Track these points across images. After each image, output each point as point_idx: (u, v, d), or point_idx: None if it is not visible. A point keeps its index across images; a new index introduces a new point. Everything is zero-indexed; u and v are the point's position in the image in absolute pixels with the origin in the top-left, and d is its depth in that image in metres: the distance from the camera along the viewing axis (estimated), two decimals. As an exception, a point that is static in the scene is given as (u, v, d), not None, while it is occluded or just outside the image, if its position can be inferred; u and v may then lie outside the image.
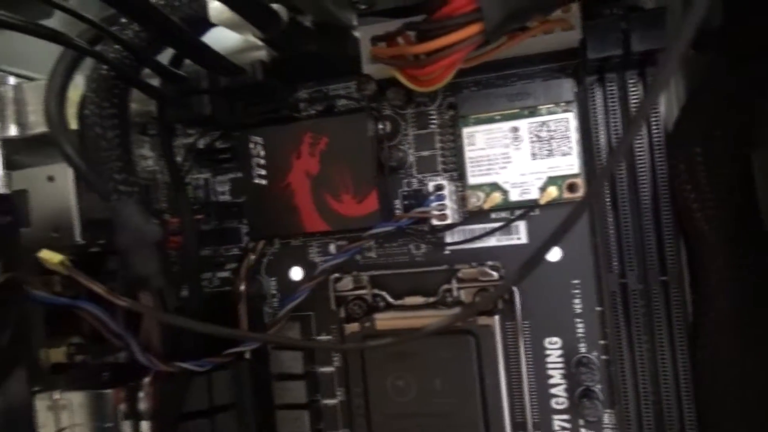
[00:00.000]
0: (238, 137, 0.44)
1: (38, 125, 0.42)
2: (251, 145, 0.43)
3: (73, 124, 0.39)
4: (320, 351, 0.44)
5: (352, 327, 0.42)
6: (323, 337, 0.44)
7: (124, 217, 0.36)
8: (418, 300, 0.41)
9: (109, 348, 0.46)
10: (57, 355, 0.43)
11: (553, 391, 0.40)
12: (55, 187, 0.41)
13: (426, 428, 0.40)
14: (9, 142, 0.42)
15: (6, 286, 0.34)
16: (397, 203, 0.43)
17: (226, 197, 0.47)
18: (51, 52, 0.44)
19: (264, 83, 0.41)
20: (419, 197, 0.42)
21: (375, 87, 0.41)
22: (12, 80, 0.43)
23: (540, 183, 0.38)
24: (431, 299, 0.41)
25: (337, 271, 0.43)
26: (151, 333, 0.38)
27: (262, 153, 0.43)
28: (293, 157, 0.42)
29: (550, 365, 0.40)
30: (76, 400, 0.42)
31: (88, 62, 0.39)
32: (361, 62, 0.38)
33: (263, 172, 0.43)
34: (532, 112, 0.38)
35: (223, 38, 0.41)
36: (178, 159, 0.45)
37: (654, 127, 0.38)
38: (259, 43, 0.38)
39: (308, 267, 0.45)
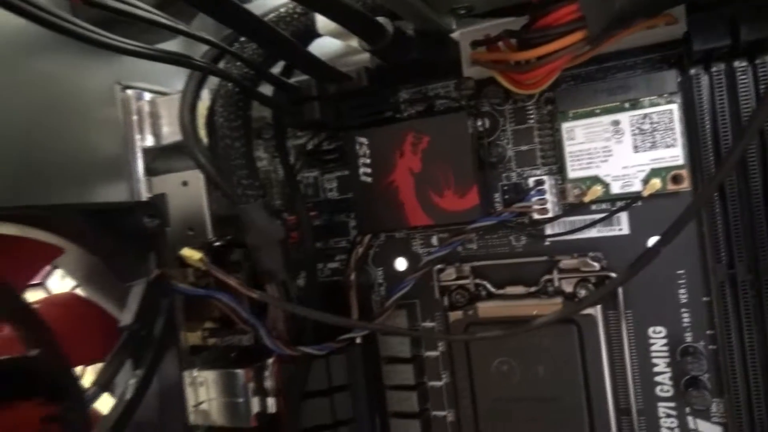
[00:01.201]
0: (344, 138, 0.47)
1: (171, 136, 0.48)
2: (357, 146, 0.46)
3: (202, 135, 0.44)
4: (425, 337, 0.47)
5: (456, 315, 0.45)
6: (428, 324, 0.47)
7: (252, 219, 0.40)
8: (520, 289, 0.43)
9: (235, 332, 0.52)
10: (193, 338, 0.49)
11: (658, 378, 0.40)
12: (189, 190, 0.46)
13: (530, 412, 0.42)
14: (147, 152, 0.48)
15: (158, 280, 0.39)
16: (497, 197, 0.44)
17: (334, 194, 0.50)
18: (177, 69, 0.50)
19: (368, 87, 0.44)
20: (519, 190, 0.43)
21: (473, 86, 0.42)
22: (147, 96, 0.48)
23: (643, 175, 0.39)
24: (532, 289, 0.43)
25: (440, 262, 0.45)
26: (277, 320, 0.43)
27: (368, 152, 0.46)
28: (396, 156, 0.45)
29: (654, 354, 0.40)
30: (211, 377, 0.47)
31: (213, 78, 0.43)
32: (461, 65, 0.40)
33: (368, 170, 0.46)
34: (634, 105, 0.39)
35: (328, 44, 0.44)
36: (290, 160, 0.49)
37: (765, 114, 0.37)
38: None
39: (412, 258, 0.47)
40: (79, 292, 0.40)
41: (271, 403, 0.46)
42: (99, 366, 0.37)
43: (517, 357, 0.42)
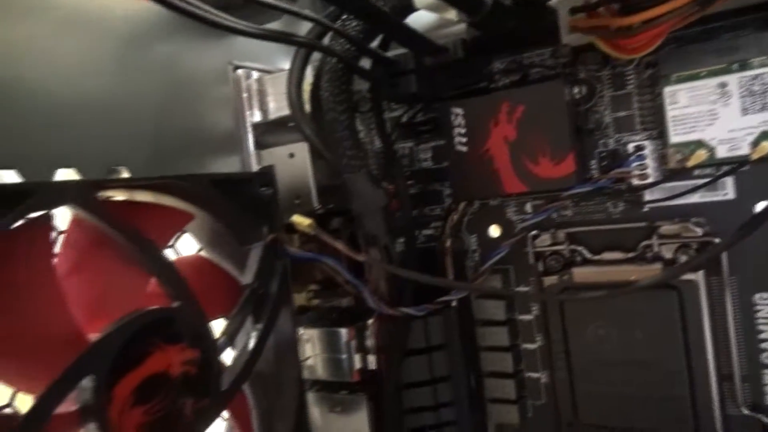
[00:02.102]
0: (439, 109, 0.48)
1: (277, 111, 0.51)
2: (452, 116, 0.47)
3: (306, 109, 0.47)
4: (520, 300, 0.48)
5: (550, 280, 0.46)
6: (522, 289, 0.48)
7: (357, 187, 0.42)
8: (617, 255, 0.43)
9: (336, 294, 0.55)
10: (299, 299, 0.53)
11: (764, 345, 0.40)
12: (295, 162, 0.49)
13: (627, 375, 0.43)
14: (256, 126, 0.52)
15: (272, 244, 0.43)
16: (593, 164, 0.45)
17: (429, 164, 0.52)
18: (279, 49, 0.53)
19: (463, 59, 0.45)
20: (616, 157, 0.43)
21: (570, 53, 0.43)
22: (255, 75, 0.52)
23: (751, 138, 0.38)
24: (630, 255, 0.43)
25: (535, 228, 0.46)
26: (379, 282, 0.46)
27: (462, 122, 0.47)
28: (491, 125, 0.46)
29: (761, 320, 0.40)
30: (316, 335, 0.51)
31: (314, 55, 0.46)
32: (559, 32, 0.40)
33: (463, 140, 0.47)
34: (743, 66, 0.38)
35: (423, 17, 0.45)
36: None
37: None
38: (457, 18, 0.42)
39: (505, 225, 0.49)
40: (203, 254, 0.44)
41: (372, 359, 0.49)
42: (224, 320, 0.41)
43: (613, 321, 0.43)
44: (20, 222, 0.30)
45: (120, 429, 0.31)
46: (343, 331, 0.50)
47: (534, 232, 0.46)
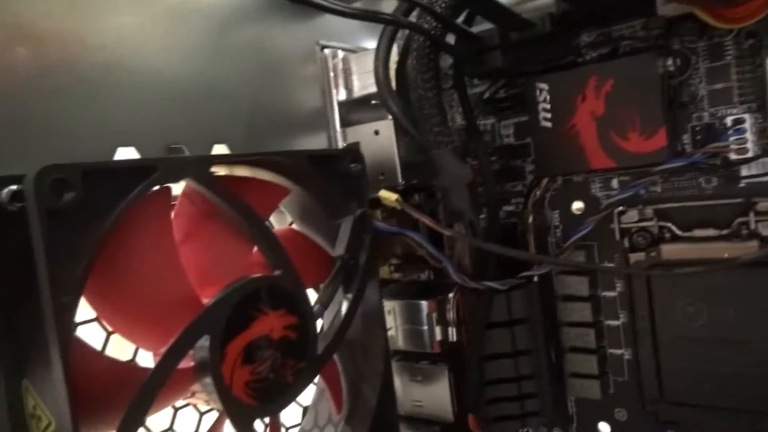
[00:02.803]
0: (523, 85, 0.48)
1: (361, 89, 0.53)
2: (537, 92, 0.47)
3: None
4: (604, 276, 0.48)
5: (637, 256, 0.45)
6: (606, 265, 0.48)
7: (443, 163, 0.43)
8: (709, 232, 0.42)
9: (416, 269, 0.57)
10: (382, 272, 0.55)
11: None
12: (380, 139, 0.51)
13: (717, 353, 0.42)
14: (341, 105, 0.53)
15: (361, 218, 0.44)
16: (686, 138, 0.44)
17: (511, 140, 0.52)
18: (362, 28, 0.54)
19: (550, 33, 0.45)
20: (711, 131, 0.42)
21: (664, 24, 0.41)
22: (340, 54, 0.53)
23: None
24: (724, 232, 0.42)
25: (621, 204, 0.46)
26: (463, 256, 0.47)
27: (548, 98, 0.47)
28: (578, 100, 0.45)
29: None
30: (397, 307, 0.53)
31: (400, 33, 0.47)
32: (653, 4, 0.40)
33: (548, 115, 0.47)
34: None
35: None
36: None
37: None
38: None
39: (590, 201, 0.48)
40: (294, 227, 0.47)
41: (453, 332, 0.51)
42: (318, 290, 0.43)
43: (705, 298, 0.42)
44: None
45: (230, 384, 0.34)
46: (424, 304, 0.51)
47: (620, 208, 0.46)
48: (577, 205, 0.49)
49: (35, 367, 0.29)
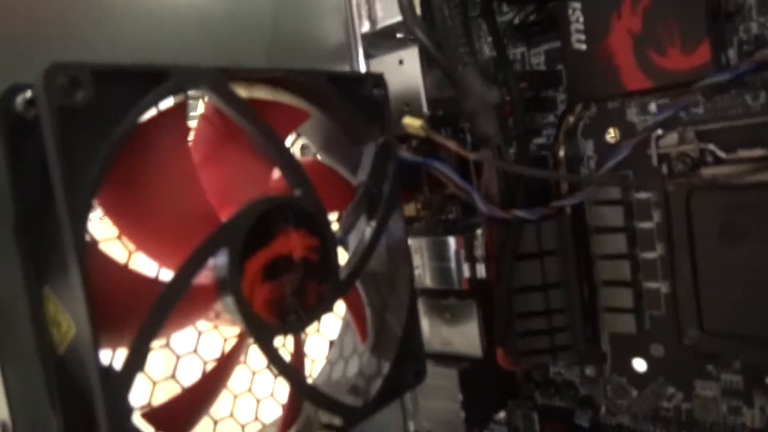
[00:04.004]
0: (555, 7, 0.46)
1: (385, 19, 0.51)
2: (570, 12, 0.45)
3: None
4: (641, 207, 0.46)
5: (676, 181, 0.43)
6: (643, 195, 0.46)
7: (470, 84, 0.42)
8: (757, 152, 0.40)
9: (444, 205, 0.56)
10: (408, 210, 0.54)
11: None
12: (405, 68, 0.49)
13: (760, 281, 0.40)
14: (364, 37, 0.52)
15: (383, 146, 0.43)
16: (731, 52, 0.41)
17: (541, 68, 0.50)
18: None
19: (583, -54, 0.42)
20: (760, 43, 0.39)
21: (709, -73, 0.38)
22: (362, -16, 0.51)
23: None
24: (771, 151, 0.39)
25: (660, 127, 0.43)
26: (490, 185, 0.45)
27: (581, 18, 0.44)
28: (613, 18, 0.43)
29: None
30: (424, 244, 0.52)
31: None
32: None
33: (582, 37, 0.44)
34: None
35: None
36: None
37: None
38: None
39: (626, 128, 0.46)
40: (318, 158, 0.46)
41: (481, 268, 0.49)
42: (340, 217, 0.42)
43: (747, 223, 0.40)
44: (161, 107, 0.33)
45: (251, 301, 0.33)
46: (452, 240, 0.50)
47: (659, 132, 0.43)
48: (613, 133, 0.47)
49: (55, 273, 0.29)
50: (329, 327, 0.49)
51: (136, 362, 0.28)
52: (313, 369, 0.47)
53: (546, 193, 0.47)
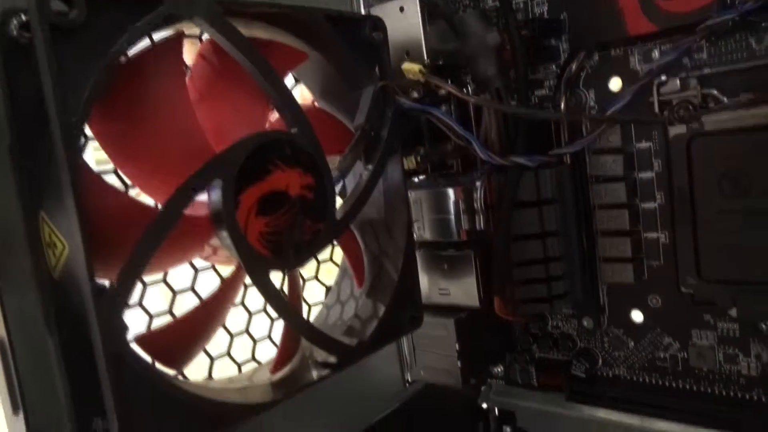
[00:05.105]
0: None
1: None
2: (573, -45, 0.44)
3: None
4: (641, 156, 0.45)
5: (677, 130, 0.43)
6: (644, 144, 0.45)
7: (470, 26, 0.41)
8: (760, 95, 0.39)
9: (444, 156, 0.55)
10: (408, 163, 0.53)
11: None
12: (405, 16, 0.48)
13: (758, 226, 0.39)
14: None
15: (382, 90, 0.43)
16: (736, -7, 0.40)
17: (544, 16, 0.49)
18: None
19: None
20: (766, -18, 0.38)
21: None
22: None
23: None
24: (775, 94, 0.39)
25: (662, 72, 0.43)
26: (489, 131, 0.45)
27: (584, -38, 0.44)
28: (617, -40, 0.42)
29: None
30: (424, 197, 0.52)
31: None
32: None
33: (585, -19, 0.44)
34: None
35: None
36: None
37: None
38: None
39: (629, 76, 0.45)
40: (316, 104, 0.46)
41: (480, 220, 0.49)
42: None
43: (747, 168, 0.39)
44: (157, 40, 0.33)
45: (246, 233, 0.33)
46: (451, 191, 0.50)
47: (661, 78, 0.43)
48: (615, 82, 0.46)
49: (50, 196, 0.29)
50: (327, 275, 0.49)
51: (128, 281, 0.28)
52: (310, 314, 0.47)
53: (546, 142, 0.47)
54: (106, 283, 0.29)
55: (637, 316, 0.48)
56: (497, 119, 0.43)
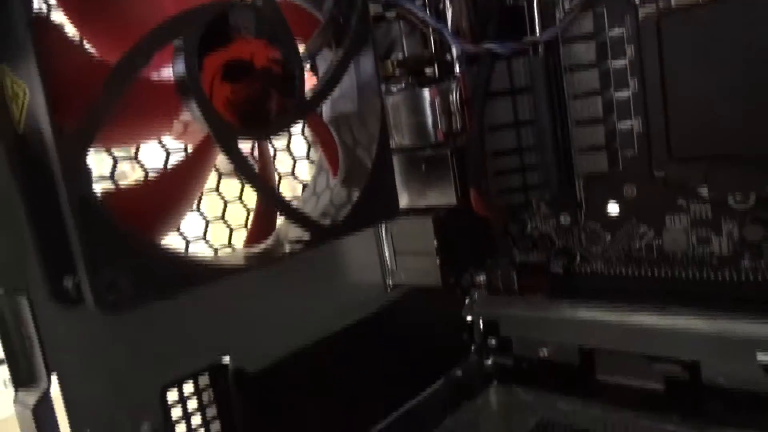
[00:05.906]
0: None
1: None
2: None
3: None
4: (613, 44, 0.45)
5: (646, 10, 0.43)
6: (616, 31, 0.45)
7: None
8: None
9: (418, 66, 0.55)
10: (385, 68, 0.53)
11: None
12: None
13: (728, 103, 0.39)
14: None
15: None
16: None
17: None
18: None
19: None
20: None
21: None
22: None
23: None
24: (742, -40, 0.38)
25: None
26: (460, 19, 0.45)
27: None
28: None
29: None
30: (400, 100, 0.51)
31: None
32: None
33: None
34: None
35: None
36: None
37: None
38: None
39: (601, -38, 0.45)
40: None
41: (456, 120, 0.49)
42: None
43: (719, 39, 0.39)
44: None
45: (211, 98, 0.34)
46: (426, 91, 0.50)
47: (632, -43, 0.43)
48: (588, -33, 0.46)
49: (10, 49, 0.29)
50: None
51: (90, 125, 0.28)
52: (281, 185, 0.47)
53: (519, 31, 0.47)
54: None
55: (613, 208, 0.48)
56: (467, 4, 0.43)
